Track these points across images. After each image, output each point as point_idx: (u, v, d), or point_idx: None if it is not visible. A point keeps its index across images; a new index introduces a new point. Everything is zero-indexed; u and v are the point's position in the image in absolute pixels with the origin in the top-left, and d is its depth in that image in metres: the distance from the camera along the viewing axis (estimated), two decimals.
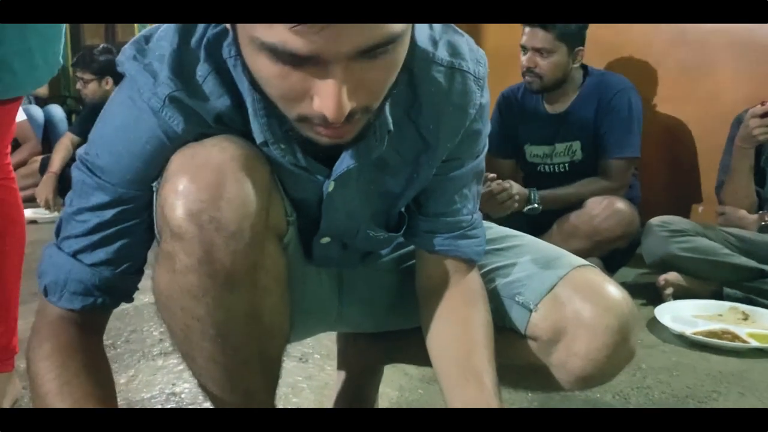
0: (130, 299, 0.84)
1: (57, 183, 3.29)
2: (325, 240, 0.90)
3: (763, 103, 1.98)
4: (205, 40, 0.74)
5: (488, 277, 0.96)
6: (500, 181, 2.09)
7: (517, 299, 0.93)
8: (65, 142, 3.44)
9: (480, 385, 0.84)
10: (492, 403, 0.82)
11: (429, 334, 0.92)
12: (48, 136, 4.21)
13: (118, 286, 0.81)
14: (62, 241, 0.80)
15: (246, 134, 0.76)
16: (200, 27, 0.75)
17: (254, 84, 0.68)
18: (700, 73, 2.46)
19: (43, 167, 3.50)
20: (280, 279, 0.80)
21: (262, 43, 0.60)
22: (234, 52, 0.72)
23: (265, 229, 0.76)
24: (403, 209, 0.92)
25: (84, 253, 0.78)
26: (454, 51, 0.82)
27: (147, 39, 0.76)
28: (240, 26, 0.63)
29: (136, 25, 4.30)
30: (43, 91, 4.42)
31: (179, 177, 0.70)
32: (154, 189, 0.75)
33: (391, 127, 0.78)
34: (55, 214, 3.20)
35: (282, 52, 0.59)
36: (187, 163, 0.71)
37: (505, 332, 0.94)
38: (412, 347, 1.04)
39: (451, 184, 0.89)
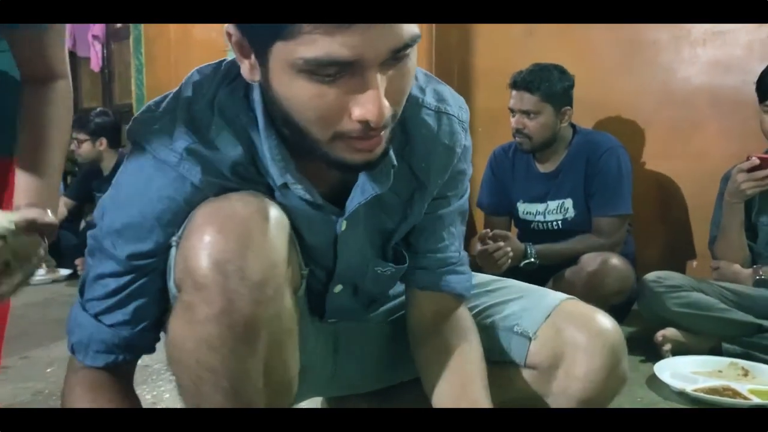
0: (151, 351, 0.88)
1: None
2: (338, 288, 0.94)
3: (748, 158, 2.01)
4: (217, 98, 0.79)
5: (483, 315, 1.02)
6: (498, 232, 2.13)
7: (515, 330, 0.99)
8: (60, 205, 3.45)
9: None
10: None
11: (424, 368, 0.96)
12: None
13: (137, 344, 0.84)
14: (86, 303, 0.84)
15: (260, 183, 0.80)
16: (209, 87, 0.80)
17: (275, 123, 0.75)
18: (688, 131, 2.51)
19: None
20: (293, 334, 0.82)
21: (305, 61, 0.65)
22: (246, 108, 0.78)
23: (285, 281, 0.78)
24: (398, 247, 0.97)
25: (104, 315, 0.82)
26: (439, 97, 0.90)
27: (157, 105, 0.81)
28: (275, 58, 0.68)
29: (133, 91, 4.38)
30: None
31: (205, 228, 0.73)
32: (173, 243, 0.78)
33: (396, 162, 0.84)
34: (48, 276, 3.18)
35: (326, 62, 0.65)
36: (212, 215, 0.74)
37: (505, 366, 0.98)
38: (404, 397, 1.07)
39: (440, 221, 0.95)
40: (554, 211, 2.29)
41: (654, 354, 1.92)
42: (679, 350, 1.91)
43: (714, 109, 2.46)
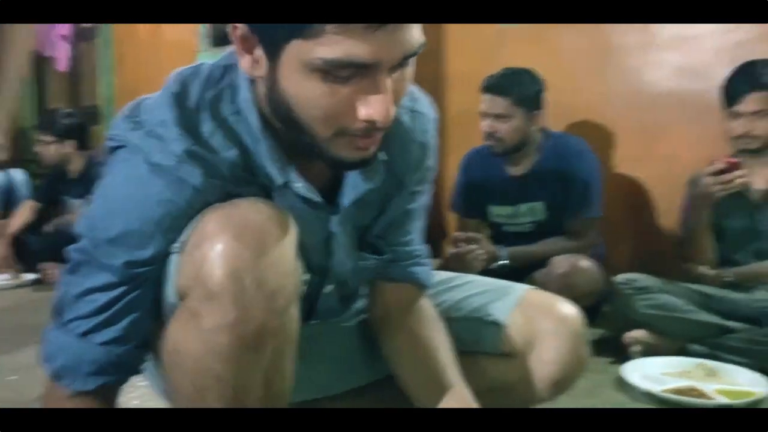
0: (139, 372, 0.86)
1: (13, 246, 3.22)
2: (329, 288, 0.97)
3: (713, 162, 2.05)
4: (203, 101, 0.79)
5: (453, 308, 1.07)
6: (471, 235, 2.16)
7: (486, 319, 1.04)
8: (26, 208, 3.39)
9: (461, 396, 0.93)
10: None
11: (395, 360, 0.99)
12: (9, 200, 4.13)
13: (130, 362, 0.82)
14: (69, 323, 0.79)
15: (254, 184, 0.81)
16: (193, 91, 0.79)
17: (269, 122, 0.76)
18: (655, 134, 2.55)
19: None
20: (294, 343, 0.81)
21: (324, 61, 0.67)
22: (233, 110, 0.79)
23: (294, 290, 0.78)
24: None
25: (94, 333, 0.78)
26: (412, 97, 0.94)
27: (136, 111, 0.80)
28: (289, 55, 0.69)
29: (101, 92, 4.31)
30: (2, 154, 4.35)
31: (219, 236, 0.72)
32: (174, 250, 0.76)
33: (385, 157, 0.87)
34: (12, 281, 3.11)
35: (346, 64, 0.67)
36: (225, 222, 0.73)
37: (478, 356, 1.04)
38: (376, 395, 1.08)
39: (408, 216, 0.99)
40: (526, 213, 2.31)
41: (623, 355, 1.94)
42: (648, 351, 1.94)
43: (681, 113, 2.50)
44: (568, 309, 1.05)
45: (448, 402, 0.92)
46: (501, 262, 2.16)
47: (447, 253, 2.14)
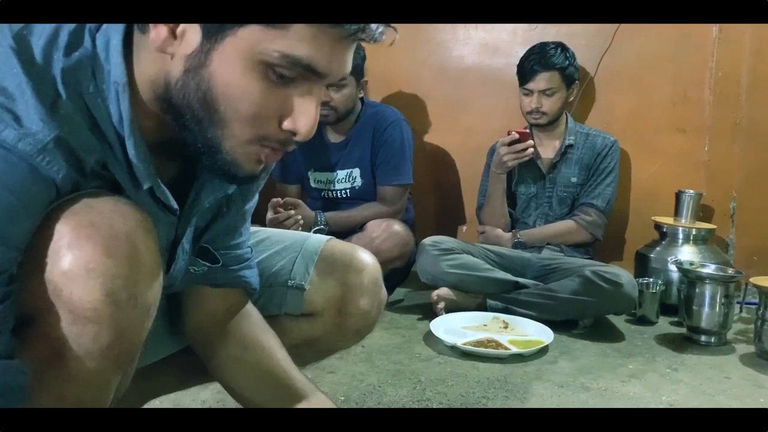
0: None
1: None
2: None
3: (509, 133, 2.26)
4: (59, 70, 0.63)
5: None
6: (289, 200, 2.19)
7: (289, 284, 1.03)
8: None
9: (316, 397, 0.92)
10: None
11: (231, 369, 0.93)
12: None
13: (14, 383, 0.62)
14: None
15: (105, 179, 0.68)
16: (37, 50, 0.63)
17: (138, 117, 0.65)
18: (460, 106, 2.73)
19: None
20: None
21: (282, 55, 0.61)
22: (93, 89, 0.64)
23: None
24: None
25: None
26: None
27: None
28: (237, 40, 0.61)
29: None
30: None
31: (87, 251, 0.61)
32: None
33: None
34: None
35: (304, 66, 0.62)
36: (90, 234, 0.61)
37: (282, 319, 1.03)
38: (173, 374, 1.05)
39: (243, 217, 0.93)
40: (343, 180, 2.39)
41: (430, 312, 2.10)
42: (452, 308, 2.11)
43: (482, 87, 2.70)
44: (365, 258, 1.05)
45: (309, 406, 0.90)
46: (319, 227, 2.22)
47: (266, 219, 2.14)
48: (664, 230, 2.33)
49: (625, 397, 1.54)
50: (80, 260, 0.61)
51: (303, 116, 0.66)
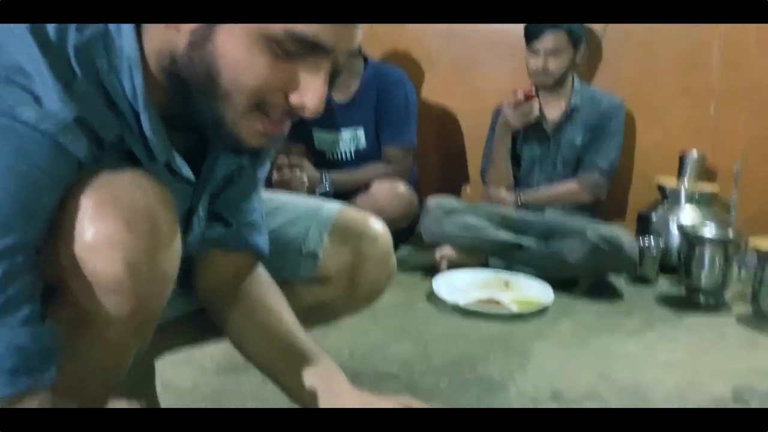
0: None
1: None
2: None
3: (515, 93, 2.26)
4: (71, 49, 0.64)
5: (270, 239, 1.01)
6: (294, 159, 2.20)
7: (303, 251, 1.04)
8: None
9: (327, 368, 0.92)
10: (338, 374, 0.91)
11: (240, 329, 0.96)
12: None
13: (53, 347, 0.64)
14: None
15: (121, 151, 0.70)
16: (50, 30, 0.63)
17: (153, 89, 0.66)
18: (467, 68, 2.72)
19: None
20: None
21: (287, 33, 0.62)
22: (107, 65, 0.65)
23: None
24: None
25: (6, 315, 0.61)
26: None
27: None
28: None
29: None
30: None
31: (109, 225, 0.63)
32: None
33: None
34: None
35: (310, 43, 0.63)
36: (112, 206, 0.64)
37: (295, 284, 1.05)
38: (187, 330, 1.07)
39: (253, 185, 0.94)
40: (347, 140, 2.39)
41: (433, 271, 2.13)
42: (454, 266, 2.13)
43: (488, 48, 2.68)
44: (378, 227, 1.08)
45: (315, 376, 0.90)
46: (324, 187, 2.24)
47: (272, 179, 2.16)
48: (667, 191, 2.34)
49: (624, 356, 1.58)
50: (103, 234, 0.63)
51: (311, 92, 0.66)
